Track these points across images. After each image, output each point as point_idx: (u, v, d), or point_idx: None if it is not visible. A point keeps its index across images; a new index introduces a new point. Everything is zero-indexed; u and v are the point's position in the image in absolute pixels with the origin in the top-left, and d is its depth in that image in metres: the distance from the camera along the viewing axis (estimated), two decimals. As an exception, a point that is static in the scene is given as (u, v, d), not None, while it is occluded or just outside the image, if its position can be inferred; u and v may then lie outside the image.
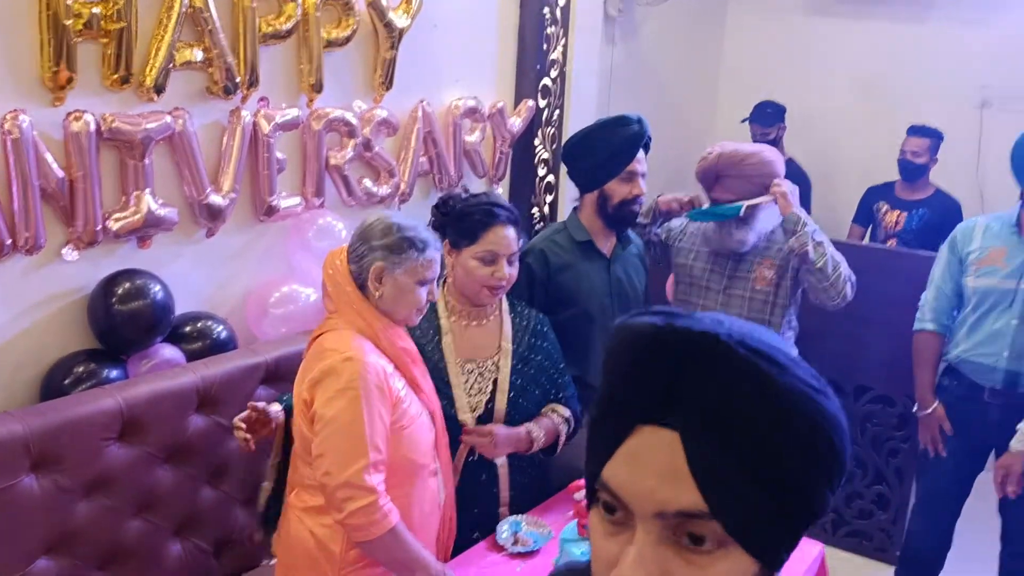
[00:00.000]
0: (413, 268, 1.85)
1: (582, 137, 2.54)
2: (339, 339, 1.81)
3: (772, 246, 2.58)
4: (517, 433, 2.16)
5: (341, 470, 1.73)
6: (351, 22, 2.59)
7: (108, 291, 2.10)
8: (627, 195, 2.48)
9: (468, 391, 2.16)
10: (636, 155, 2.48)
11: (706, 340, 0.66)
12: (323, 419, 1.76)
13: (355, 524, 1.73)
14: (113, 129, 2.06)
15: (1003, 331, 2.63)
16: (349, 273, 1.86)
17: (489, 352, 2.21)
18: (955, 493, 2.85)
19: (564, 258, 2.51)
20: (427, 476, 1.93)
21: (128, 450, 2.03)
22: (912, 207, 4.05)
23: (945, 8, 4.40)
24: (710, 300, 2.64)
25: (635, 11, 4.01)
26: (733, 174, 2.49)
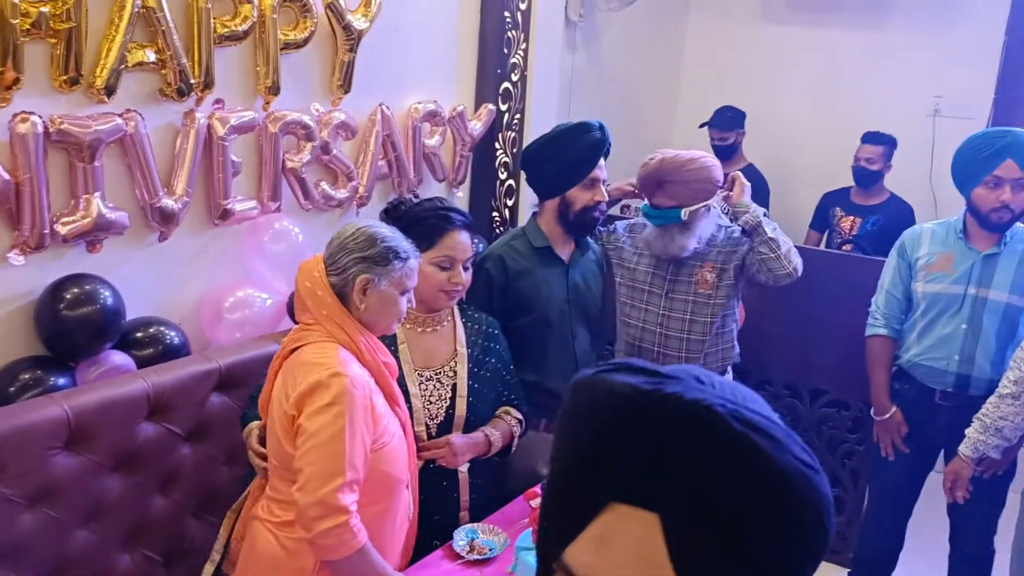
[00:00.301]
0: (398, 279, 1.83)
1: (543, 143, 2.54)
2: (323, 353, 1.77)
3: (712, 250, 2.60)
4: (475, 439, 2.17)
5: (316, 488, 1.69)
6: (309, 24, 2.56)
7: (56, 296, 2.06)
8: (589, 202, 2.49)
9: (427, 400, 2.15)
10: (598, 162, 2.49)
11: (697, 411, 0.59)
12: (305, 433, 1.72)
13: (324, 544, 1.70)
14: (61, 131, 2.02)
15: (953, 335, 2.68)
16: (329, 285, 1.82)
17: (445, 358, 2.21)
18: (907, 493, 2.90)
19: (523, 264, 2.50)
20: (402, 490, 1.92)
21: (75, 459, 1.98)
22: (867, 213, 4.12)
23: (899, 18, 4.48)
24: (652, 304, 2.66)
25: (596, 17, 4.03)
26: (675, 180, 2.49)
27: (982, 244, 2.67)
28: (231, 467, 2.34)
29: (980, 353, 2.64)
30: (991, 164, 2.59)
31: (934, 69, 4.38)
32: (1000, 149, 2.57)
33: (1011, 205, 2.58)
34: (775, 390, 3.42)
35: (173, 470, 2.20)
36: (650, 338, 2.66)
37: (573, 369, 2.55)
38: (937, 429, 2.76)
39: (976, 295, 2.65)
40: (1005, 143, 2.58)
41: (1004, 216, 2.60)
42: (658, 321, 2.65)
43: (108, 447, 2.04)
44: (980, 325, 2.64)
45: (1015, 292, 2.61)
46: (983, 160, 2.60)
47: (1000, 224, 2.61)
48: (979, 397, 2.65)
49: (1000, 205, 2.59)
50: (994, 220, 2.61)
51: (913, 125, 4.34)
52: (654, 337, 2.66)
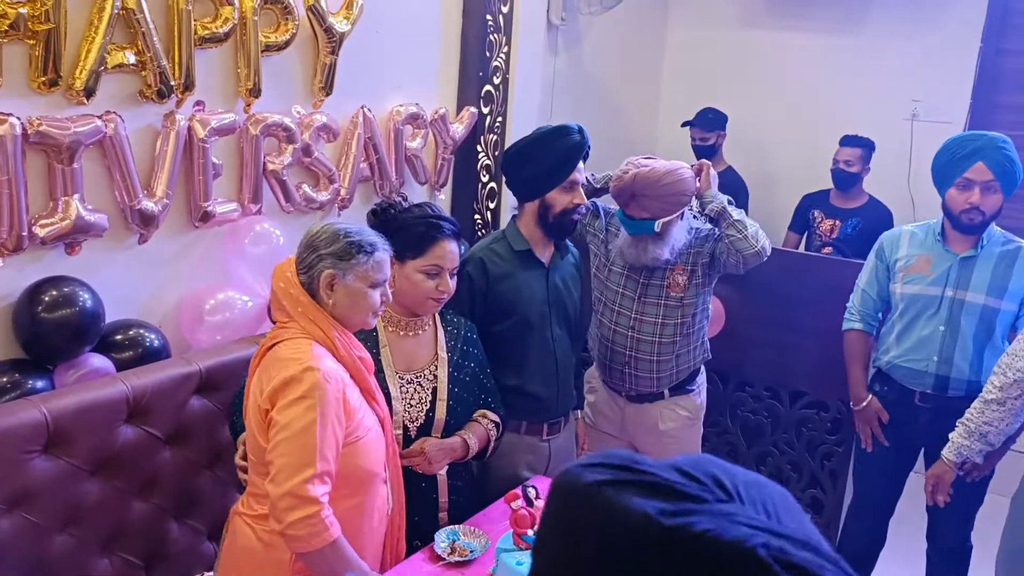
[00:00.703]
0: (363, 272, 1.84)
1: (523, 146, 2.54)
2: (297, 348, 1.79)
3: (682, 252, 2.63)
4: (451, 444, 2.17)
5: (286, 479, 1.71)
6: (290, 26, 2.56)
7: (34, 299, 2.04)
8: (568, 204, 2.49)
9: (408, 403, 2.16)
10: (577, 165, 2.49)
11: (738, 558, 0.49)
12: (276, 425, 1.74)
13: (295, 535, 1.71)
14: (40, 132, 2.00)
15: (931, 337, 2.71)
16: (300, 284, 1.85)
17: (425, 362, 2.22)
18: (889, 493, 2.93)
19: (503, 267, 2.50)
20: (379, 484, 1.92)
21: (53, 463, 1.97)
22: (846, 215, 4.15)
23: (876, 23, 4.53)
24: (624, 307, 2.68)
25: (578, 20, 4.04)
26: (648, 194, 2.51)
27: (959, 247, 2.70)
28: (212, 470, 2.33)
29: (958, 355, 2.67)
30: (963, 166, 2.63)
31: (911, 73, 4.43)
32: (972, 152, 2.62)
33: (981, 207, 2.61)
34: (755, 392, 3.45)
35: (153, 474, 2.18)
36: (622, 341, 2.69)
37: (553, 372, 2.57)
38: (917, 430, 2.79)
39: (954, 297, 2.68)
40: (977, 146, 2.62)
41: (975, 218, 2.63)
42: (630, 325, 2.67)
43: (87, 451, 2.02)
44: (958, 327, 2.67)
45: (991, 294, 2.64)
46: (956, 162, 2.65)
47: (971, 226, 2.65)
48: (958, 398, 2.69)
49: (969, 207, 2.62)
50: (964, 221, 2.65)
51: (891, 129, 4.39)
52: (626, 340, 2.68)
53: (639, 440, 2.79)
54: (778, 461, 3.46)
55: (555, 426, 2.62)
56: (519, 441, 2.54)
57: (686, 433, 2.77)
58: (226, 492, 2.37)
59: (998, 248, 2.67)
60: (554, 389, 2.57)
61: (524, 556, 1.86)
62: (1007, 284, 2.64)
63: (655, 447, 2.76)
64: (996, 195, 2.62)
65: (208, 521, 2.34)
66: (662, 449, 2.75)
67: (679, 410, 2.74)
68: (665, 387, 2.71)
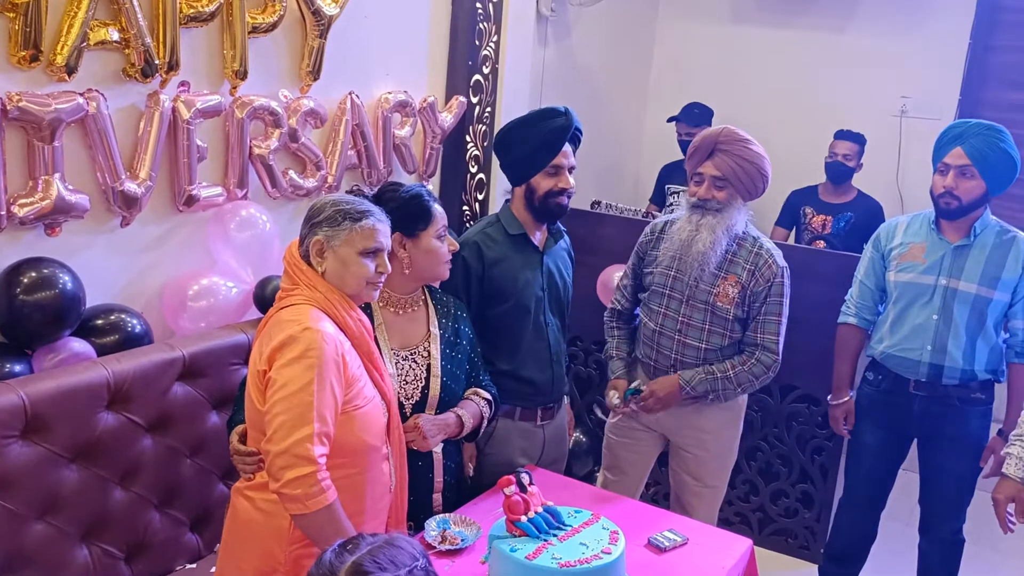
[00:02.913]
0: (349, 238, 1.85)
1: (510, 129, 2.52)
2: (298, 312, 1.81)
3: (737, 261, 2.56)
4: (445, 420, 2.17)
5: (284, 437, 1.69)
6: (278, 8, 2.51)
7: (12, 280, 1.98)
8: (552, 187, 2.46)
9: (403, 380, 2.15)
10: (562, 148, 2.45)
11: None
12: (274, 384, 1.73)
13: (291, 495, 1.68)
14: (20, 108, 1.95)
15: (925, 326, 2.69)
16: (300, 256, 1.89)
17: (418, 339, 2.22)
18: (881, 484, 2.91)
19: (498, 251, 2.48)
20: (380, 460, 1.90)
21: (31, 449, 1.91)
22: (837, 211, 4.15)
23: (866, 19, 4.53)
24: (671, 309, 2.61)
25: (567, 11, 4.01)
26: (730, 151, 2.51)
27: (953, 235, 2.69)
28: (194, 459, 2.27)
29: (952, 343, 2.66)
30: (944, 151, 2.66)
31: (900, 70, 4.44)
32: (953, 138, 2.64)
33: (956, 192, 2.62)
34: (746, 385, 3.42)
35: (134, 462, 2.13)
36: (668, 344, 2.61)
37: (547, 357, 2.54)
38: (911, 419, 2.77)
39: (947, 286, 2.67)
40: (958, 132, 2.64)
41: (950, 203, 2.63)
42: (676, 328, 2.60)
43: (66, 437, 1.97)
44: (951, 315, 2.66)
45: (983, 283, 2.63)
46: (940, 148, 2.68)
47: (948, 211, 2.65)
48: (953, 386, 2.68)
49: (944, 191, 2.63)
50: (941, 206, 2.66)
51: (880, 125, 4.39)
52: (672, 344, 2.61)
53: (676, 434, 2.71)
54: (768, 455, 3.43)
55: (549, 411, 2.59)
56: (514, 427, 2.51)
57: (725, 432, 2.69)
58: (209, 481, 2.32)
59: (992, 237, 2.66)
60: (548, 374, 2.54)
61: (518, 543, 1.82)
62: (1000, 274, 2.62)
63: (691, 440, 2.69)
64: (973, 180, 2.61)
65: (190, 511, 2.29)
66: (698, 443, 2.68)
67: (721, 410, 2.66)
68: None
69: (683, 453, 2.71)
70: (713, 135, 2.54)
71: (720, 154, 2.51)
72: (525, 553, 1.80)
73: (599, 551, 1.83)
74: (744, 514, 3.53)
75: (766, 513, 3.48)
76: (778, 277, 2.55)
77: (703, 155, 2.54)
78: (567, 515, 1.96)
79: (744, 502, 3.52)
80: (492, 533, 1.89)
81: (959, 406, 2.71)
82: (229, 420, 2.07)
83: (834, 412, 2.95)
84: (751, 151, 2.53)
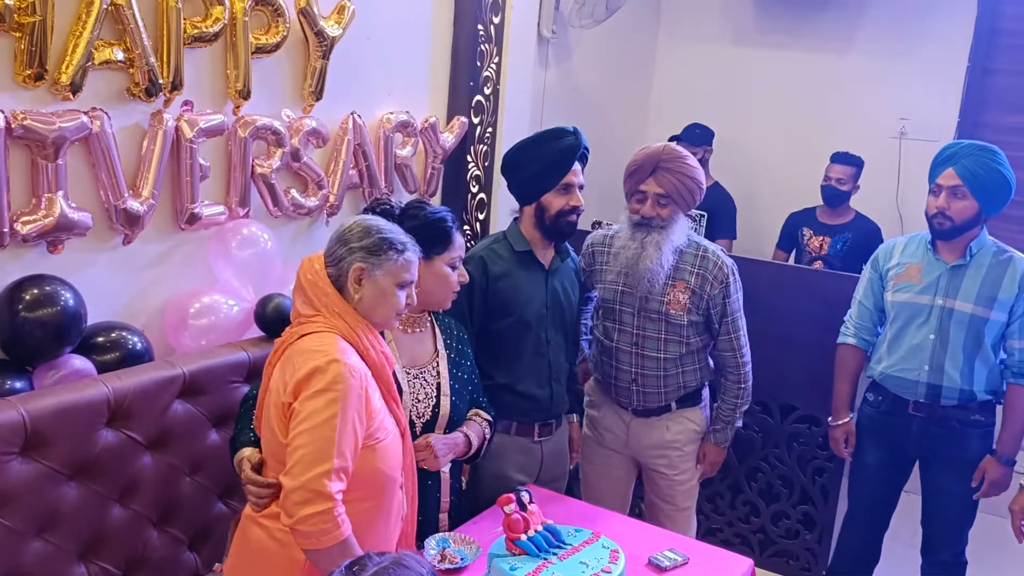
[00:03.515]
0: (393, 270, 1.83)
1: (519, 149, 2.55)
2: (323, 341, 1.77)
3: (684, 267, 2.59)
4: (455, 439, 2.18)
5: (301, 472, 1.67)
6: (281, 28, 2.53)
7: (14, 297, 1.98)
8: (564, 206, 2.49)
9: (416, 397, 2.17)
10: (572, 167, 2.49)
11: None
12: (297, 416, 1.71)
13: (305, 531, 1.66)
14: (24, 127, 1.96)
15: (922, 346, 2.70)
16: (328, 277, 1.84)
17: (427, 358, 2.24)
18: (884, 505, 2.91)
19: (503, 266, 2.51)
20: (395, 490, 1.89)
21: (30, 466, 1.90)
22: (835, 232, 4.16)
23: (865, 42, 4.56)
24: (626, 323, 2.64)
25: (568, 33, 4.05)
26: (673, 168, 2.53)
27: (949, 256, 2.70)
28: (194, 477, 2.27)
29: (949, 363, 2.66)
30: (936, 173, 2.68)
31: (899, 92, 4.47)
32: (946, 159, 2.67)
33: (948, 212, 2.63)
34: (746, 406, 3.41)
35: (133, 479, 2.12)
36: (626, 359, 2.65)
37: (547, 374, 2.55)
38: (911, 440, 2.77)
39: (943, 305, 2.67)
40: (951, 152, 2.67)
41: (943, 223, 2.65)
42: (632, 342, 2.63)
43: (65, 454, 1.96)
44: (948, 335, 2.66)
45: (980, 303, 2.64)
46: (932, 169, 2.70)
47: (941, 231, 2.67)
48: (951, 407, 2.68)
49: (936, 211, 2.65)
50: (934, 227, 2.68)
51: (879, 146, 4.42)
52: (630, 358, 2.64)
53: (643, 454, 2.75)
54: (769, 476, 3.42)
55: (546, 428, 2.60)
56: (509, 441, 2.52)
57: (690, 447, 2.73)
58: (208, 499, 2.31)
59: (988, 258, 2.67)
60: (547, 391, 2.55)
61: (518, 561, 1.82)
62: (996, 294, 2.63)
63: (660, 460, 2.71)
64: (965, 201, 2.62)
65: (189, 529, 2.28)
66: (668, 463, 2.70)
67: (687, 422, 2.70)
68: (672, 400, 2.68)
69: (653, 475, 2.75)
70: (655, 153, 2.56)
71: (663, 172, 2.53)
72: (525, 572, 1.80)
73: (599, 570, 1.83)
74: (745, 536, 3.51)
75: (767, 535, 3.47)
76: (728, 277, 2.60)
77: (645, 173, 2.56)
78: (567, 534, 1.95)
79: (745, 523, 3.50)
80: (492, 552, 1.89)
81: (959, 427, 2.71)
82: (232, 440, 2.06)
83: (834, 433, 2.94)
84: (690, 167, 2.57)
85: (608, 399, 2.75)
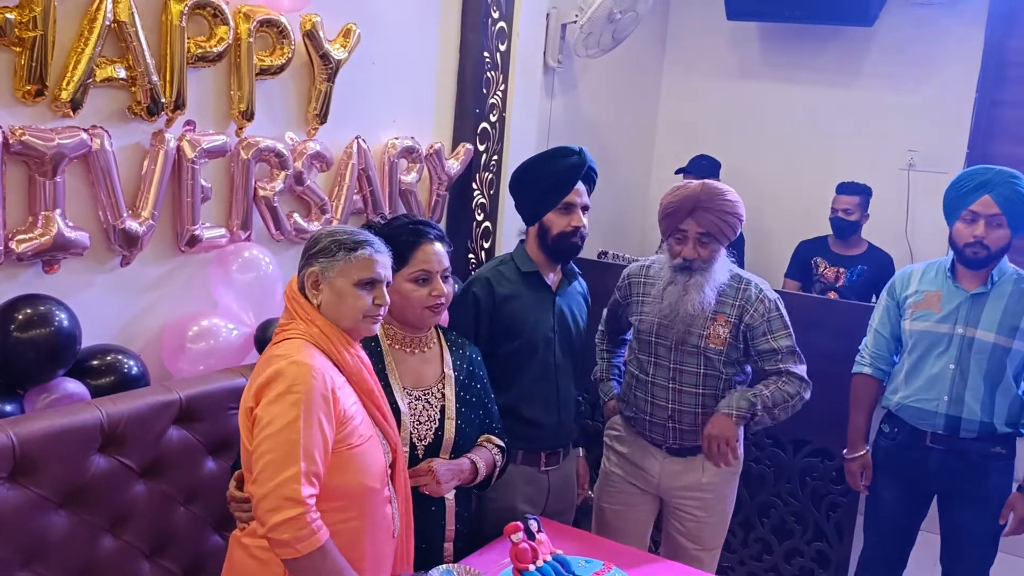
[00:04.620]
0: (344, 269, 1.80)
1: (524, 169, 2.51)
2: (289, 346, 1.76)
3: (725, 301, 2.50)
4: (460, 465, 2.09)
5: (270, 477, 1.62)
6: (286, 50, 2.50)
7: (7, 317, 1.93)
8: (565, 227, 2.42)
9: (416, 420, 2.09)
10: (575, 186, 2.43)
11: None
12: (260, 422, 1.68)
13: (280, 539, 1.61)
14: (23, 143, 1.92)
15: (941, 376, 2.62)
16: (298, 289, 1.85)
17: (433, 379, 2.16)
18: (901, 542, 2.81)
19: (510, 288, 2.45)
20: (381, 503, 1.82)
21: (18, 492, 1.83)
22: (849, 263, 4.11)
23: (872, 74, 4.55)
24: (662, 357, 2.54)
25: (574, 64, 4.03)
26: (712, 207, 2.41)
27: (969, 283, 2.64)
28: (189, 507, 2.19)
29: (969, 394, 2.59)
30: (969, 199, 2.59)
31: (907, 124, 4.45)
32: (979, 185, 2.58)
33: (985, 241, 2.56)
34: (756, 439, 3.33)
35: (126, 508, 2.04)
36: (663, 394, 2.53)
37: (554, 398, 2.47)
38: (929, 474, 2.69)
39: (963, 335, 2.61)
40: (985, 179, 2.58)
41: (979, 252, 2.58)
42: (670, 376, 2.53)
43: (55, 480, 1.89)
44: (968, 365, 2.59)
45: (1002, 333, 2.57)
46: (963, 195, 2.61)
47: (975, 260, 2.59)
48: (970, 439, 2.60)
49: (974, 240, 2.57)
50: (968, 255, 2.59)
51: (888, 178, 4.38)
52: (667, 393, 2.53)
53: (674, 495, 2.59)
54: (781, 512, 3.32)
55: (553, 457, 2.50)
56: (516, 471, 2.42)
57: (724, 488, 2.59)
58: (203, 531, 2.23)
59: (1010, 285, 2.61)
60: (554, 417, 2.47)
61: (525, 593, 1.73)
62: (1019, 323, 2.56)
63: (692, 502, 2.58)
64: (1002, 230, 2.56)
65: (182, 562, 2.19)
66: (700, 504, 2.57)
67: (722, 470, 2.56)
68: None
69: (680, 514, 2.60)
70: (693, 193, 2.44)
71: (702, 211, 2.43)
72: (533, 605, 1.71)
73: (611, 604, 1.75)
74: (757, 574, 3.40)
75: (780, 573, 3.36)
76: (773, 311, 2.51)
77: (684, 213, 2.45)
78: (577, 564, 1.87)
79: (757, 561, 3.39)
80: (499, 583, 1.81)
81: (978, 461, 2.62)
82: (233, 465, 1.99)
83: (850, 467, 2.86)
84: (730, 202, 2.46)
85: (639, 436, 2.62)
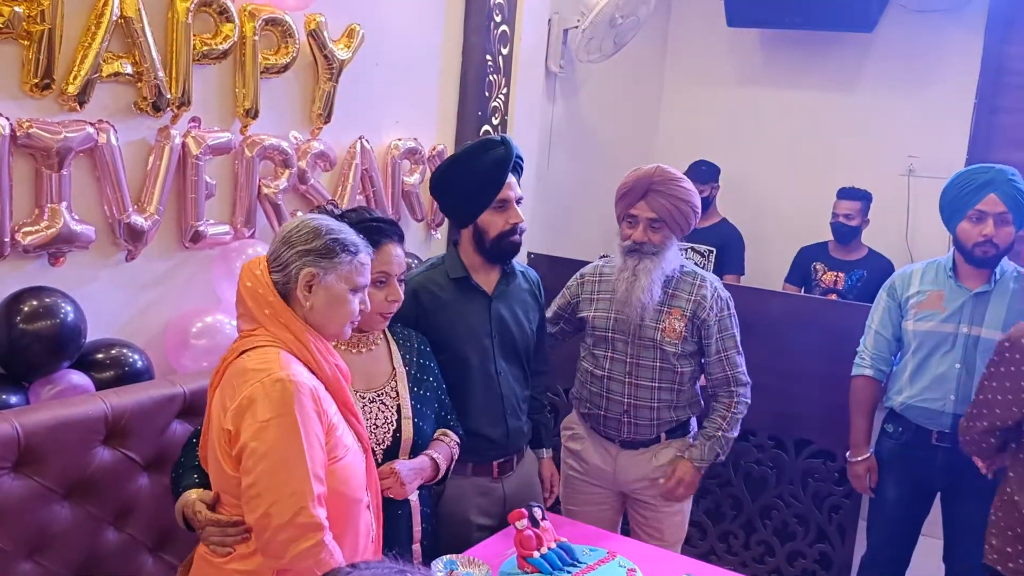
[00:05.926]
0: (346, 273, 1.68)
1: (446, 168, 2.34)
2: (264, 358, 1.60)
3: (680, 295, 2.52)
4: (421, 464, 2.02)
5: (284, 511, 1.53)
6: (290, 49, 2.52)
7: (13, 309, 1.94)
8: (504, 226, 2.26)
9: (373, 424, 1.99)
10: (506, 179, 2.26)
11: None
12: (255, 453, 1.54)
13: (303, 568, 1.56)
14: (30, 135, 1.94)
15: (947, 375, 2.62)
16: (272, 284, 1.66)
17: (383, 378, 2.05)
18: (904, 542, 2.80)
19: (440, 297, 2.29)
20: (361, 510, 1.76)
21: (23, 482, 1.83)
22: (849, 267, 4.12)
23: (872, 80, 4.58)
24: (619, 351, 2.55)
25: (576, 69, 4.06)
26: (664, 191, 2.44)
27: (972, 282, 2.65)
28: (192, 501, 2.18)
29: (976, 392, 2.59)
30: (975, 198, 2.59)
31: (907, 129, 4.47)
32: (983, 184, 2.59)
33: (994, 239, 2.57)
34: (758, 441, 3.33)
35: (129, 501, 2.04)
36: (619, 388, 2.55)
37: (500, 409, 2.33)
38: (934, 472, 2.68)
39: (968, 333, 2.61)
40: (988, 178, 2.59)
41: (988, 251, 2.58)
42: (626, 371, 2.54)
43: (59, 471, 1.89)
44: (974, 364, 2.59)
45: (1007, 330, 2.57)
46: (967, 195, 2.61)
47: (984, 259, 2.60)
48: (976, 436, 2.59)
49: (983, 239, 2.58)
50: (978, 255, 2.60)
51: (888, 184, 4.40)
52: (623, 388, 2.54)
53: (631, 487, 2.63)
54: (783, 514, 3.32)
55: (506, 464, 2.38)
56: (468, 483, 2.30)
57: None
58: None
59: (1012, 283, 2.62)
60: (502, 427, 2.33)
61: (529, 580, 1.73)
62: (1022, 320, 2.57)
63: (648, 490, 2.61)
64: (1009, 228, 2.58)
65: (184, 556, 2.17)
66: (655, 492, 2.59)
67: (674, 451, 2.60)
68: (663, 431, 2.59)
69: (640, 506, 2.63)
70: (646, 175, 2.45)
71: (654, 195, 2.44)
72: (538, 593, 1.71)
73: (615, 592, 1.75)
74: (760, 577, 3.40)
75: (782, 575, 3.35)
76: (725, 310, 2.54)
77: (636, 196, 2.46)
78: (582, 552, 1.87)
79: (760, 563, 3.39)
80: (503, 570, 1.80)
81: (984, 458, 2.62)
82: (173, 483, 1.84)
83: (855, 469, 2.85)
84: (684, 189, 2.47)
85: (593, 431, 2.64)
